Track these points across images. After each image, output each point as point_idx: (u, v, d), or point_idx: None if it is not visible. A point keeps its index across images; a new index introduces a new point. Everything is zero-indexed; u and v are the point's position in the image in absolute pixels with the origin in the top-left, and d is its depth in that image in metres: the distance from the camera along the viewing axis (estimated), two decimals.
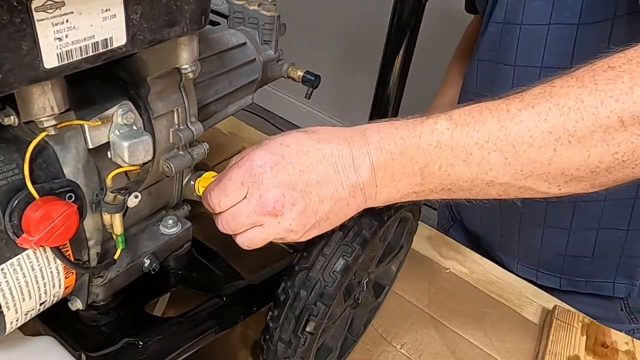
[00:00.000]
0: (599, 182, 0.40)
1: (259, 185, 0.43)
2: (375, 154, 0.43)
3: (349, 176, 0.43)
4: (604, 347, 0.65)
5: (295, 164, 0.43)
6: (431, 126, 0.42)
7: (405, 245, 0.64)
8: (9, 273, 0.37)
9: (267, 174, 0.43)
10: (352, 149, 0.44)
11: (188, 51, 0.42)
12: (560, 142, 0.38)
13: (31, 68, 0.31)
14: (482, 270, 0.78)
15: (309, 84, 0.65)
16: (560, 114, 0.38)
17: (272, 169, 0.43)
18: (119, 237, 0.44)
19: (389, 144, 0.43)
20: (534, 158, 0.39)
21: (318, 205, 0.43)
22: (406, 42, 1.11)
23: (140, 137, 0.40)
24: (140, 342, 0.48)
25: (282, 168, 0.43)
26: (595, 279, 0.77)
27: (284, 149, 0.44)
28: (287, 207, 0.43)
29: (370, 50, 1.38)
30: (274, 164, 0.43)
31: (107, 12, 0.33)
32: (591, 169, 0.39)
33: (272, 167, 0.43)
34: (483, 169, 0.41)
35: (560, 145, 0.38)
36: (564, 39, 0.62)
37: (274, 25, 0.61)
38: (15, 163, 0.36)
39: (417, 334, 0.67)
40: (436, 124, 0.42)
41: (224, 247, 0.60)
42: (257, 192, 0.43)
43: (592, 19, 0.59)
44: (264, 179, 0.43)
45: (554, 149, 0.38)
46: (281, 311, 0.47)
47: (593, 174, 0.39)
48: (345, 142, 0.44)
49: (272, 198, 0.43)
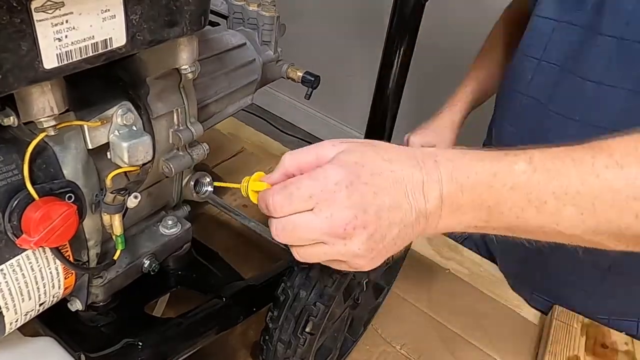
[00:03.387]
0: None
1: (330, 203, 0.41)
2: (446, 184, 0.41)
3: (418, 202, 0.42)
4: (603, 348, 0.65)
5: (369, 186, 0.41)
6: (509, 166, 0.40)
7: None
8: (8, 274, 0.37)
9: (342, 193, 0.41)
10: (423, 174, 0.42)
11: (188, 52, 0.42)
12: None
13: (31, 68, 0.31)
14: (482, 271, 0.78)
15: (309, 85, 0.65)
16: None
17: (347, 188, 0.41)
18: (119, 238, 0.44)
19: (461, 175, 0.41)
20: (611, 219, 0.37)
21: (387, 230, 0.41)
22: (406, 42, 1.11)
23: (140, 138, 0.40)
24: (140, 343, 0.48)
25: (356, 189, 0.41)
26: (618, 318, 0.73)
27: (359, 169, 0.42)
28: (358, 230, 0.41)
29: (370, 51, 1.38)
30: (350, 184, 0.41)
31: (106, 12, 0.33)
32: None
33: (347, 186, 0.41)
34: (555, 220, 0.39)
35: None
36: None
37: (273, 25, 0.61)
38: (15, 163, 0.36)
39: (417, 334, 0.67)
40: (515, 164, 0.40)
41: (223, 248, 0.60)
42: (328, 210, 0.41)
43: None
44: (337, 198, 0.41)
45: (636, 216, 0.37)
46: (281, 312, 0.47)
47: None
48: (417, 166, 0.42)
49: (344, 219, 0.40)
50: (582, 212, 0.38)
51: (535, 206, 0.39)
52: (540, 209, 0.39)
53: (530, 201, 0.39)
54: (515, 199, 0.40)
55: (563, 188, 0.38)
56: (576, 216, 0.38)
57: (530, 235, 0.42)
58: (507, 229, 0.41)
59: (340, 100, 2.22)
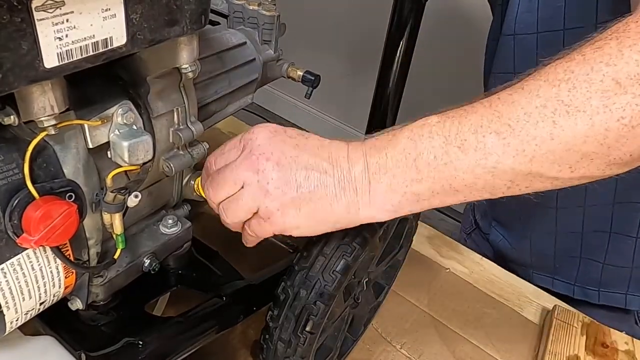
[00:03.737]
0: (613, 157, 0.37)
1: (253, 144, 0.44)
2: (368, 150, 0.43)
3: (341, 165, 0.43)
4: (603, 347, 0.65)
5: (293, 139, 0.44)
6: (421, 121, 0.42)
7: (405, 245, 0.64)
8: (9, 273, 0.37)
9: (264, 135, 0.44)
10: (349, 146, 0.44)
11: (188, 51, 0.42)
12: (558, 113, 0.36)
13: (31, 68, 0.31)
14: (482, 270, 0.78)
15: (309, 84, 0.65)
16: (552, 87, 0.37)
17: (270, 132, 0.44)
18: (119, 237, 0.44)
19: (381, 142, 0.43)
20: (533, 134, 0.37)
21: (303, 180, 0.43)
22: (406, 42, 1.11)
23: (140, 137, 0.40)
24: (141, 342, 0.48)
25: (279, 136, 0.44)
26: (607, 289, 0.76)
27: (286, 129, 0.45)
28: (270, 163, 0.43)
29: (370, 50, 1.38)
30: (274, 131, 0.45)
31: (107, 11, 0.33)
32: (599, 141, 0.36)
33: (272, 132, 0.44)
34: (481, 154, 0.39)
35: (558, 116, 0.36)
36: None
37: (273, 25, 0.61)
38: (15, 163, 0.36)
39: (417, 334, 0.67)
40: (427, 119, 0.42)
41: (223, 247, 0.60)
42: (248, 148, 0.44)
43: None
44: (259, 137, 0.44)
45: (552, 121, 0.37)
46: (281, 311, 0.47)
47: (603, 147, 0.36)
48: (345, 142, 0.45)
49: (259, 150, 0.43)
50: (504, 137, 0.38)
51: (457, 146, 0.40)
52: (463, 147, 0.39)
53: (450, 142, 0.40)
54: (436, 145, 0.40)
55: (477, 122, 0.39)
56: (499, 142, 0.38)
57: (472, 188, 0.41)
58: (443, 188, 0.41)
59: (340, 100, 2.22)
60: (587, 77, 0.36)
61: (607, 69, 0.35)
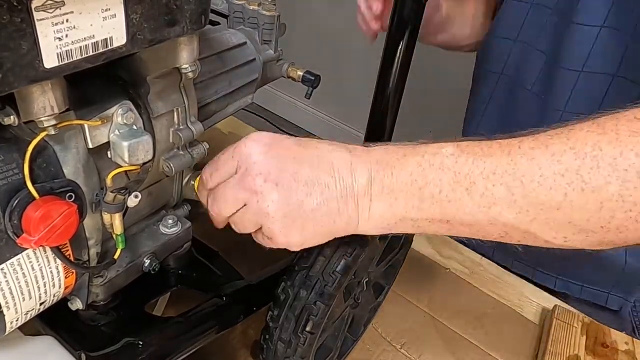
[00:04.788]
0: (608, 239, 0.37)
1: (249, 161, 0.42)
2: (375, 165, 0.41)
3: (344, 177, 0.41)
4: (603, 347, 0.65)
5: (290, 151, 0.42)
6: (436, 149, 0.40)
7: (405, 245, 0.64)
8: (8, 273, 0.37)
9: (260, 152, 0.42)
10: (352, 155, 0.42)
11: (188, 51, 0.42)
12: (572, 187, 0.36)
13: (31, 68, 0.31)
14: (482, 270, 0.78)
15: (309, 84, 0.65)
16: (576, 157, 0.36)
17: (264, 146, 0.42)
18: (119, 237, 0.44)
19: (390, 158, 0.41)
20: (542, 199, 0.37)
21: (304, 197, 0.41)
22: (406, 42, 1.10)
23: (140, 137, 0.40)
24: (140, 342, 0.48)
25: (274, 150, 0.42)
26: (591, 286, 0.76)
27: (281, 137, 0.43)
28: (269, 184, 0.40)
29: (370, 50, 1.38)
30: (269, 144, 0.42)
31: (107, 11, 0.33)
32: (601, 224, 0.36)
33: (266, 144, 0.42)
34: (486, 202, 0.38)
35: (572, 190, 0.36)
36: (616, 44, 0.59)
37: (273, 25, 0.61)
38: (15, 163, 0.36)
39: (417, 334, 0.67)
40: (442, 147, 0.40)
41: (223, 247, 0.60)
42: (244, 166, 0.42)
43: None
44: (252, 153, 0.42)
45: (564, 194, 0.36)
46: (281, 311, 0.47)
47: (603, 230, 0.36)
48: (346, 149, 0.43)
49: (256, 171, 0.41)
50: (513, 192, 0.37)
51: (465, 187, 0.39)
52: (470, 190, 0.39)
53: (459, 182, 0.39)
54: (444, 180, 0.39)
55: (491, 168, 0.38)
56: (507, 196, 0.38)
57: (467, 228, 0.40)
58: (441, 221, 0.41)
59: (340, 100, 2.22)
60: (614, 161, 0.35)
61: (635, 159, 0.34)
